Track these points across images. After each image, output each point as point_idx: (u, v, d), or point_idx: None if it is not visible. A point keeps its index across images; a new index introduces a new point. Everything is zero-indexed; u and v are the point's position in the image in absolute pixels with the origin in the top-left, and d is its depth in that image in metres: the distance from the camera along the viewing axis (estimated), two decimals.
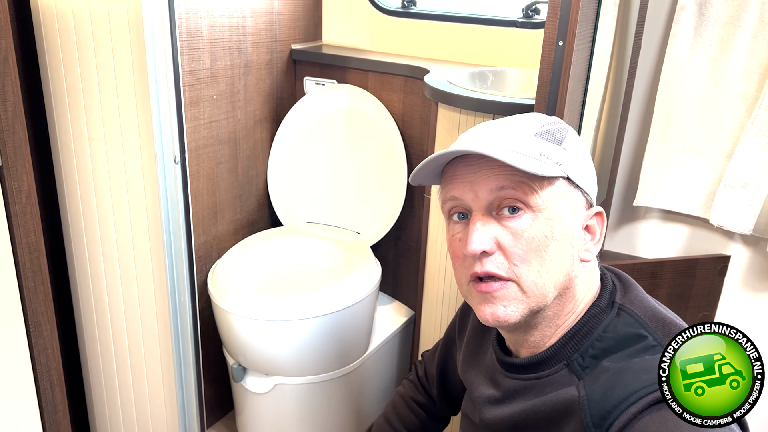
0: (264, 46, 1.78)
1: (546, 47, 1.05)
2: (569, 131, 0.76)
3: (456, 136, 1.41)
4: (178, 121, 1.16)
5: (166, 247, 1.21)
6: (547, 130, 0.74)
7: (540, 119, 0.76)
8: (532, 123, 0.75)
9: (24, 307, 1.06)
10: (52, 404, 1.15)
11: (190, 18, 1.53)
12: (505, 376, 0.80)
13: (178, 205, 1.20)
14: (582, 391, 0.68)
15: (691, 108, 1.32)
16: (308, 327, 1.49)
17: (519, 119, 0.77)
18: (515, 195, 0.70)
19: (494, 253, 0.71)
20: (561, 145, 0.73)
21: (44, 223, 1.30)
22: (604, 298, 0.75)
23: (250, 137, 1.82)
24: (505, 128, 0.75)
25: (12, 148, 0.98)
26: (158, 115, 1.13)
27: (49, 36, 1.20)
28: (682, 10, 1.28)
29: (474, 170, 0.72)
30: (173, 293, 1.25)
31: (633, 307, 0.73)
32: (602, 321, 0.73)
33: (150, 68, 1.09)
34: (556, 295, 0.72)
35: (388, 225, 1.77)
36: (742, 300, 1.41)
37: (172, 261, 1.23)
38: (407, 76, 1.72)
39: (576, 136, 0.76)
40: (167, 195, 1.18)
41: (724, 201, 1.29)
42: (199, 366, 1.35)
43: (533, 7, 1.63)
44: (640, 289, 0.77)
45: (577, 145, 0.75)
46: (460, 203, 0.74)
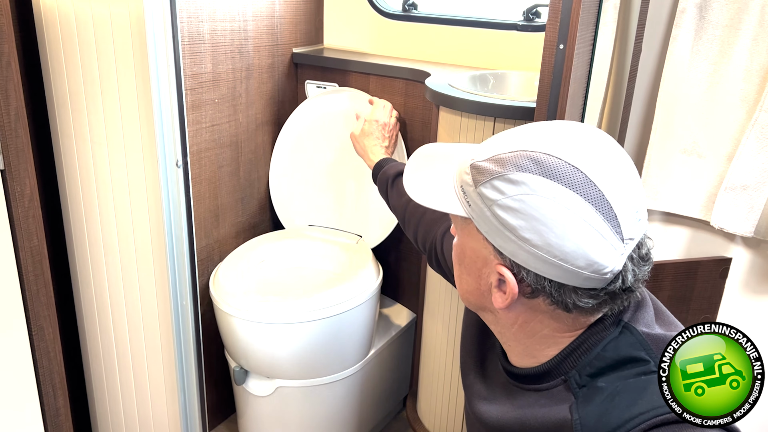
0: (265, 50, 1.79)
1: (547, 51, 1.05)
2: (525, 184, 0.62)
3: (457, 140, 1.42)
4: (180, 125, 1.16)
5: (168, 250, 1.22)
6: (480, 167, 0.66)
7: (508, 149, 0.65)
8: (494, 149, 0.67)
9: (26, 310, 1.06)
10: (54, 408, 1.15)
11: (191, 22, 1.53)
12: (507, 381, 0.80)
13: (180, 209, 1.21)
14: (575, 414, 0.66)
15: (692, 110, 1.32)
16: (310, 330, 1.49)
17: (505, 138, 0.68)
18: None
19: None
20: (477, 187, 0.66)
21: (46, 226, 1.30)
22: (611, 314, 0.72)
23: (251, 140, 1.82)
24: (466, 147, 0.76)
25: (15, 151, 0.98)
26: (160, 118, 1.13)
27: (52, 40, 1.20)
28: (682, 13, 1.28)
29: None
30: (175, 296, 1.26)
31: (639, 326, 0.69)
32: (604, 338, 0.69)
33: (152, 72, 1.10)
34: (475, 308, 0.78)
35: (390, 228, 1.77)
36: (744, 302, 1.41)
37: (174, 264, 1.23)
38: (408, 79, 1.72)
39: (536, 197, 0.62)
40: (169, 198, 1.19)
41: (725, 203, 1.29)
42: (201, 369, 1.35)
43: (534, 10, 1.63)
44: (651, 311, 0.73)
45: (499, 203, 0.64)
46: None
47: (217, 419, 1.91)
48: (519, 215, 0.63)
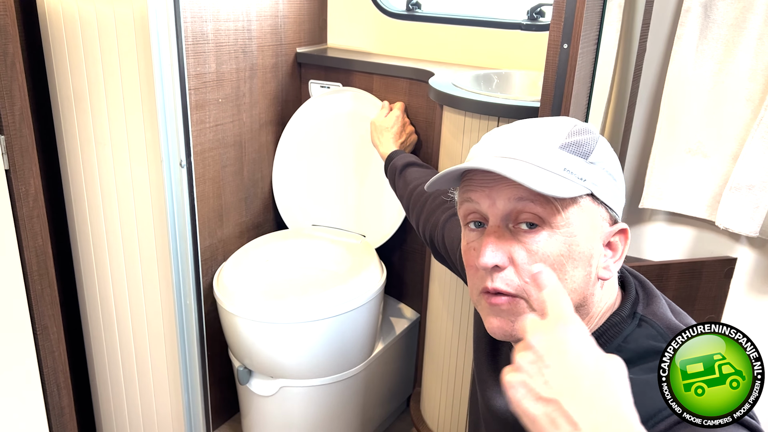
0: (269, 50, 1.79)
1: (551, 50, 1.05)
2: (599, 141, 0.71)
3: (461, 139, 1.41)
4: (184, 125, 1.16)
5: (171, 249, 1.22)
6: (573, 142, 0.69)
7: (568, 127, 0.71)
8: (559, 132, 0.70)
9: (31, 309, 1.06)
10: (58, 406, 1.15)
11: (195, 22, 1.53)
12: None
13: (184, 208, 1.21)
14: None
15: (697, 110, 1.31)
16: (313, 330, 1.49)
17: (546, 126, 0.72)
18: (534, 209, 0.67)
19: (506, 268, 0.69)
20: (588, 158, 0.69)
21: (51, 226, 1.31)
22: (626, 307, 0.73)
23: (255, 140, 1.82)
24: (530, 137, 0.71)
25: (19, 151, 0.99)
26: (164, 118, 1.13)
27: (56, 40, 1.20)
28: (687, 12, 1.28)
29: (493, 176, 0.70)
30: (179, 296, 1.26)
31: (656, 319, 0.71)
32: (623, 331, 0.71)
33: (156, 72, 1.10)
34: (577, 304, 0.71)
35: (393, 228, 1.77)
36: (749, 303, 1.40)
37: (178, 264, 1.24)
38: (412, 78, 1.72)
39: (606, 147, 0.72)
40: (173, 198, 1.19)
41: (730, 203, 1.28)
42: (204, 368, 1.35)
43: (538, 9, 1.63)
44: (663, 302, 0.74)
45: (606, 157, 0.71)
46: (477, 209, 0.72)
47: (220, 419, 1.92)
48: (615, 160, 0.73)
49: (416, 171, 1.38)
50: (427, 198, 1.24)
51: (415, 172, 1.38)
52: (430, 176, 1.32)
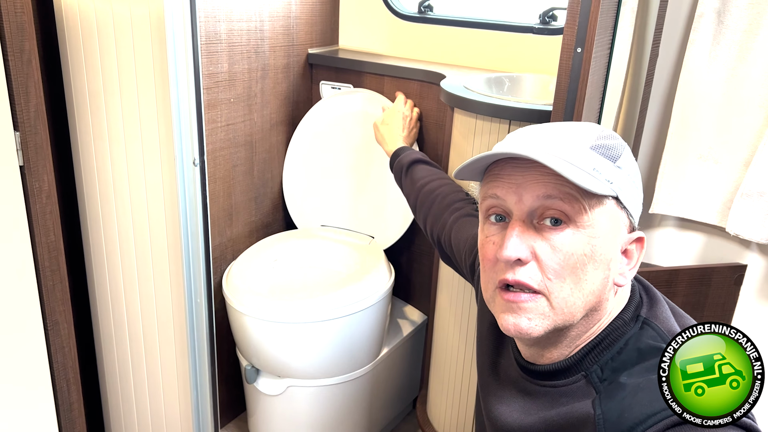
0: (281, 50, 1.80)
1: (564, 54, 1.05)
2: (625, 149, 0.73)
3: (472, 142, 1.41)
4: (198, 124, 1.17)
5: (183, 248, 1.22)
6: (603, 145, 0.70)
7: (596, 131, 0.72)
8: (588, 134, 0.71)
9: (42, 305, 1.07)
10: (67, 402, 1.16)
11: (209, 22, 1.54)
12: (521, 377, 0.80)
13: (197, 207, 1.21)
14: (598, 410, 0.67)
15: (709, 115, 1.31)
16: (321, 330, 1.49)
17: (575, 128, 0.73)
18: (561, 207, 0.67)
19: (528, 262, 0.68)
20: (616, 162, 0.70)
21: (63, 223, 1.32)
22: (629, 310, 0.74)
23: (266, 140, 1.83)
24: (560, 135, 0.71)
25: (34, 148, 0.99)
26: (178, 117, 1.14)
27: (72, 38, 1.21)
28: (700, 18, 1.28)
29: (521, 172, 0.69)
30: (190, 294, 1.26)
31: (657, 322, 0.72)
32: (625, 333, 0.72)
33: (171, 71, 1.11)
34: (583, 315, 0.71)
35: (402, 229, 1.77)
36: (758, 310, 1.39)
37: (190, 262, 1.24)
38: (423, 81, 1.72)
39: (631, 155, 0.73)
40: (186, 197, 1.19)
41: (741, 210, 1.28)
42: (214, 366, 1.36)
43: (550, 13, 1.63)
44: (665, 306, 0.75)
45: (631, 164, 0.72)
46: (501, 204, 0.71)
47: (227, 417, 1.92)
48: (638, 170, 0.74)
49: (423, 169, 1.37)
50: (435, 198, 1.24)
51: (422, 171, 1.36)
52: (437, 175, 1.32)
